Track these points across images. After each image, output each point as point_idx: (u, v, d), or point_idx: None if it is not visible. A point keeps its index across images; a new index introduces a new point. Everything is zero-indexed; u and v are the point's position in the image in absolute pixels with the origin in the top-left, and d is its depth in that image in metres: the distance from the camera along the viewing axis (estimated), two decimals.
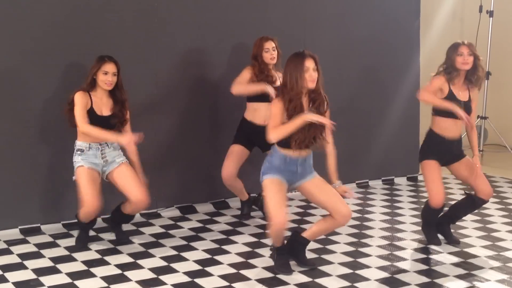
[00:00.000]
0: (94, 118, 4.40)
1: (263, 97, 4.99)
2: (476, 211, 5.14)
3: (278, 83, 5.01)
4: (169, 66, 5.34)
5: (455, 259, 4.42)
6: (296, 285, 3.94)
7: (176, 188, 5.51)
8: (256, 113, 5.13)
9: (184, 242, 4.73)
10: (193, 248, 4.60)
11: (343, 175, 4.19)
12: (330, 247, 4.59)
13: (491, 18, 7.59)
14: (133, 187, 4.47)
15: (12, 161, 4.81)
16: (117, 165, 4.52)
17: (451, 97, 4.45)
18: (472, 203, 4.66)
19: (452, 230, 4.80)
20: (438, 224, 4.72)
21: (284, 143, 3.96)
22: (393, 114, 6.63)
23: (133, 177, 4.51)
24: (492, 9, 7.54)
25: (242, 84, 5.05)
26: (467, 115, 4.32)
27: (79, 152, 4.45)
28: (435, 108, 4.55)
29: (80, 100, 4.38)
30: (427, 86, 4.55)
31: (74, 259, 4.35)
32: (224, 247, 4.64)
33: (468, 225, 5.13)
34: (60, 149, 4.90)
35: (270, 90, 4.91)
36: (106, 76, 4.38)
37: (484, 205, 5.46)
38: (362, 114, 6.43)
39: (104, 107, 4.47)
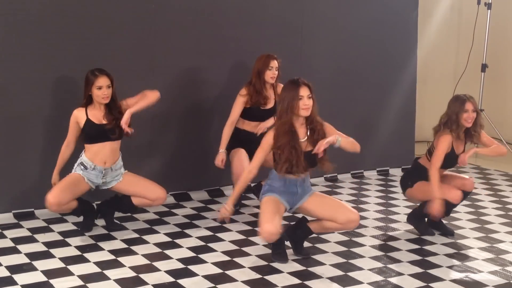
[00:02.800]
0: (91, 126, 4.43)
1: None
2: (470, 203, 5.16)
3: (270, 105, 5.12)
4: (166, 52, 5.33)
5: (449, 250, 4.43)
6: (289, 273, 3.94)
7: (171, 175, 5.50)
8: (244, 123, 5.23)
9: (178, 229, 4.73)
10: (187, 235, 4.60)
11: (338, 164, 4.18)
12: (324, 236, 4.59)
13: (489, 11, 7.58)
14: (147, 188, 4.56)
15: (6, 146, 4.79)
16: (121, 178, 4.58)
17: (451, 153, 4.52)
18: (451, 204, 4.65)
19: (445, 222, 4.81)
20: (429, 218, 4.72)
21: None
22: (390, 105, 6.64)
23: (140, 180, 4.61)
24: (490, 1, 7.53)
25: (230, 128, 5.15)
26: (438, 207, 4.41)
27: (82, 167, 4.48)
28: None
29: (72, 118, 4.47)
30: (438, 152, 4.51)
31: (68, 244, 4.34)
32: (218, 234, 4.64)
33: (462, 216, 5.15)
34: (54, 135, 4.88)
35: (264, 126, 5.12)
36: (101, 91, 4.37)
37: (479, 197, 5.50)
38: (359, 105, 6.43)
39: (102, 117, 4.47)
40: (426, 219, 4.71)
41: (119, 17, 5.08)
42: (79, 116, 4.45)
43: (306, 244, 4.34)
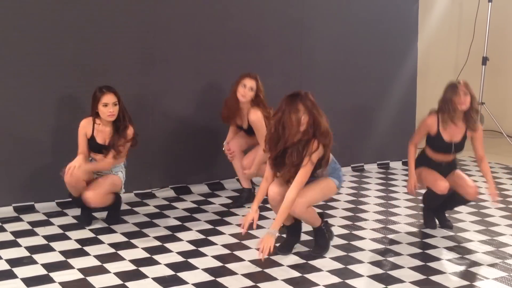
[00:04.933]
0: (93, 144, 4.48)
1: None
2: None
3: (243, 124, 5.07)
4: (166, 46, 5.31)
5: (449, 243, 4.42)
6: (289, 266, 3.95)
7: (171, 168, 5.50)
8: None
9: (178, 223, 4.73)
10: (187, 229, 4.60)
11: (338, 158, 4.18)
12: None
13: (490, 3, 7.56)
14: (95, 184, 4.50)
15: (6, 140, 4.79)
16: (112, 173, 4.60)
17: (437, 138, 4.51)
18: (463, 200, 4.66)
19: (446, 215, 4.81)
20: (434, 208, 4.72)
21: None
22: (390, 98, 6.62)
23: (105, 181, 4.51)
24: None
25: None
26: (412, 187, 4.55)
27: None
28: (427, 138, 4.59)
29: (80, 128, 4.48)
30: (419, 127, 4.64)
31: (68, 238, 4.34)
32: (218, 228, 4.64)
33: (462, 209, 5.13)
34: (56, 128, 4.88)
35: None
36: (107, 108, 4.35)
37: (480, 191, 5.48)
38: (359, 98, 6.41)
39: (106, 136, 4.47)
40: (431, 211, 4.73)
41: (119, 17, 5.05)
42: (87, 128, 4.47)
43: (306, 237, 4.33)
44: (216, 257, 4.06)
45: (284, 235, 4.25)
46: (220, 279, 3.73)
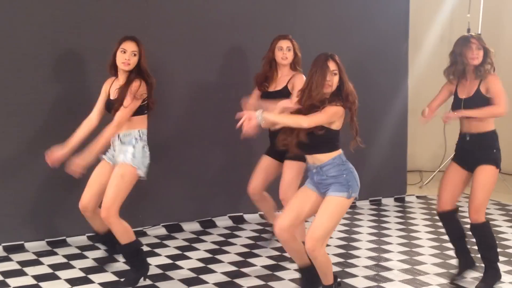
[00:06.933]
0: (107, 102, 4.17)
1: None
2: None
3: (275, 87, 4.69)
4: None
5: (443, 281, 4.40)
6: None
7: (163, 206, 5.48)
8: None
9: (169, 261, 4.69)
10: (179, 267, 4.56)
11: None
12: None
13: None
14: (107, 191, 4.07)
15: None
16: (123, 159, 4.09)
17: (455, 95, 4.34)
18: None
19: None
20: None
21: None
22: (382, 135, 6.65)
23: (113, 182, 4.06)
24: (479, 32, 7.61)
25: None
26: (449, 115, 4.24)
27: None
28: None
29: (104, 85, 4.20)
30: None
31: (57, 277, 4.30)
32: (210, 266, 4.60)
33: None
34: (44, 170, 4.87)
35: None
36: (124, 55, 4.02)
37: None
38: (351, 135, 6.42)
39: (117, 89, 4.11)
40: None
41: (113, 20, 5.08)
42: (108, 84, 4.20)
43: (297, 275, 4.28)
44: None
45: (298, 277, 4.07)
46: None
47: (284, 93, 4.55)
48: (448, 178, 4.34)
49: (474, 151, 4.21)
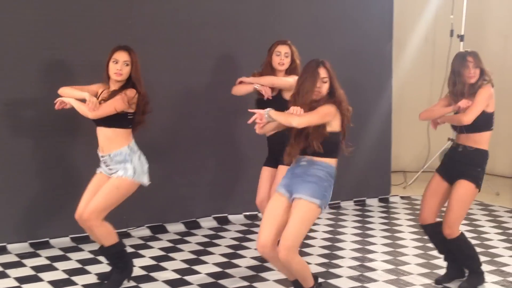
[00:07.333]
0: None
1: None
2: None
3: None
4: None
5: (426, 281, 4.42)
6: None
7: (147, 207, 5.45)
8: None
9: (154, 262, 4.67)
10: (163, 268, 4.54)
11: None
12: None
13: (462, 42, 7.71)
14: (95, 197, 4.04)
15: None
16: (120, 174, 4.06)
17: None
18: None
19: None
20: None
21: None
22: (366, 136, 6.67)
23: (105, 191, 4.04)
24: (462, 33, 7.66)
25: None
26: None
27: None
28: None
29: (95, 84, 4.14)
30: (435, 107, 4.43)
31: (41, 279, 4.26)
32: (195, 267, 4.59)
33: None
34: (26, 172, 4.84)
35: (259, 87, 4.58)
36: (116, 65, 3.99)
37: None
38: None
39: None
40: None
41: (97, 20, 5.05)
42: (99, 87, 4.14)
43: (282, 275, 4.28)
44: None
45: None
46: None
47: (278, 101, 4.50)
48: (431, 190, 4.34)
49: (461, 164, 4.22)
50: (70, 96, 4.03)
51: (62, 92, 4.08)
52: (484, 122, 4.17)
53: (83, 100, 3.99)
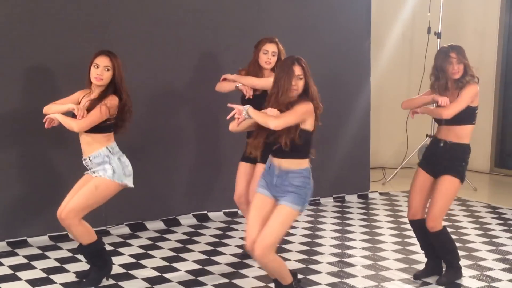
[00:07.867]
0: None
1: None
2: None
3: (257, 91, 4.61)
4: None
5: (405, 276, 4.46)
6: None
7: (126, 205, 5.42)
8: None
9: (133, 260, 4.66)
10: (143, 266, 4.53)
11: None
12: None
13: (439, 40, 7.78)
14: (75, 197, 4.03)
15: None
16: (100, 174, 4.05)
17: (437, 105, 4.29)
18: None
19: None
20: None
21: None
22: (345, 132, 6.71)
23: (86, 191, 4.03)
24: (440, 31, 7.73)
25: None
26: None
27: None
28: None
29: (75, 94, 4.12)
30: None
31: (18, 278, 4.23)
32: (174, 264, 4.58)
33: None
34: (3, 170, 4.79)
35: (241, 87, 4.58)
36: (97, 70, 3.97)
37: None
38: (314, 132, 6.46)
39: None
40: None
41: (73, 17, 5.01)
42: (79, 96, 4.12)
43: (262, 272, 4.30)
44: None
45: None
46: None
47: (262, 99, 4.36)
48: (417, 185, 4.36)
49: (444, 159, 4.24)
50: (55, 112, 4.02)
51: (47, 110, 4.07)
52: (467, 115, 4.20)
53: (68, 113, 4.00)
